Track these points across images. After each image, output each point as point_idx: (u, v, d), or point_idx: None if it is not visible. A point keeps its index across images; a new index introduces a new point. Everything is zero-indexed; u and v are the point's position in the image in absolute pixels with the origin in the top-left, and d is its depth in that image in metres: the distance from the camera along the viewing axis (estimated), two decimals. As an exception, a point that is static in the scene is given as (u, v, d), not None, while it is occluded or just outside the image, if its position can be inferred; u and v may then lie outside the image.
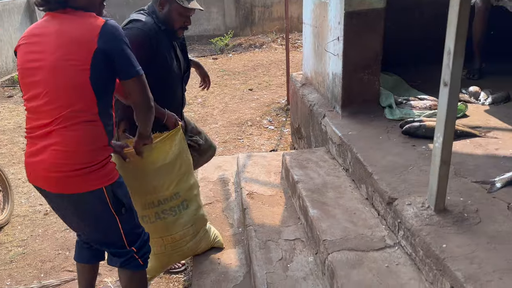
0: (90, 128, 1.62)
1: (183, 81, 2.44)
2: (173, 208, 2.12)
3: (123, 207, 1.74)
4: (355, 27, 2.66)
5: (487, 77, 3.53)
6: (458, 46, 1.45)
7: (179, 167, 2.11)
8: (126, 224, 1.78)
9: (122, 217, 1.74)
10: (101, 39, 1.56)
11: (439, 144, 1.60)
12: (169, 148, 2.06)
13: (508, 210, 1.68)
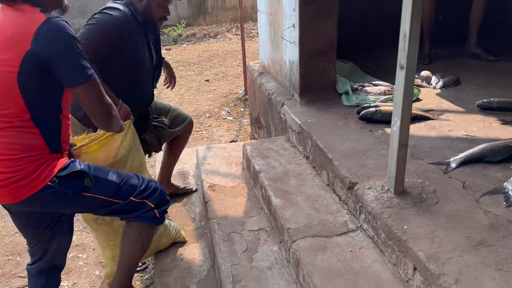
0: (21, 134, 1.49)
1: (154, 77, 2.37)
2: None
3: (86, 178, 1.59)
4: (310, 14, 2.65)
5: (437, 62, 3.66)
6: (413, 29, 1.46)
7: (131, 163, 2.01)
8: (106, 189, 1.66)
9: (94, 188, 1.61)
10: (36, 40, 1.39)
11: (396, 127, 1.62)
12: (120, 144, 1.96)
13: (463, 189, 1.73)
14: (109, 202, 1.67)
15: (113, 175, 1.70)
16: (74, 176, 1.58)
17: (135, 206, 1.73)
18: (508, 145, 1.92)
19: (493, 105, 2.48)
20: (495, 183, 1.74)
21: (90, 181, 1.60)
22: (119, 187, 1.69)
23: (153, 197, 1.76)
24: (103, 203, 1.67)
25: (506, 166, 1.86)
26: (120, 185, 1.70)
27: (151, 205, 1.75)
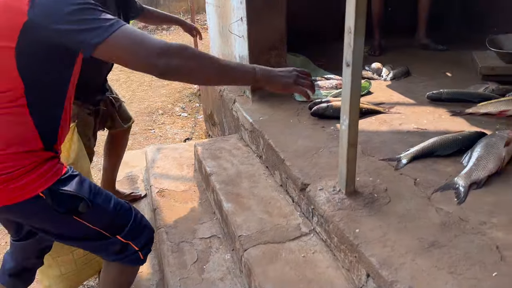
0: (11, 122, 1.24)
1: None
2: None
3: (83, 203, 1.35)
4: (258, 7, 2.54)
5: (388, 52, 3.67)
6: (358, 24, 1.38)
7: (81, 170, 1.83)
8: (99, 219, 1.42)
9: (86, 215, 1.37)
10: (33, 9, 1.14)
11: (345, 126, 1.55)
12: (68, 147, 1.78)
13: (415, 186, 1.70)
14: (95, 234, 1.43)
15: (111, 201, 1.46)
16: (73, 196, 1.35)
17: (119, 247, 1.50)
18: (457, 138, 1.92)
19: (442, 96, 2.49)
20: (446, 178, 1.73)
21: (86, 207, 1.36)
22: (113, 219, 1.46)
23: (141, 237, 1.53)
24: (88, 234, 1.43)
25: (456, 160, 1.86)
26: (115, 216, 1.47)
27: (136, 248, 1.52)
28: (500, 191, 1.62)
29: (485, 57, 2.82)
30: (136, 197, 2.67)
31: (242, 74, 1.36)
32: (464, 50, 3.51)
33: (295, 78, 1.42)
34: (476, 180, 1.66)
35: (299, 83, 1.44)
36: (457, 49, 3.59)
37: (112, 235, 1.46)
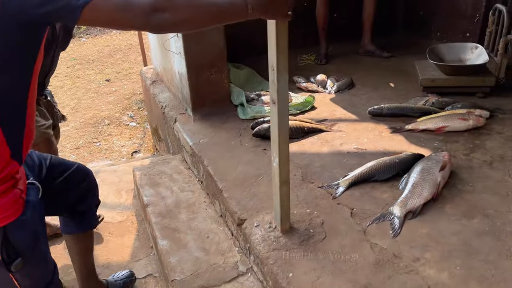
0: None
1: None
2: None
3: (18, 261, 1.19)
4: (193, 23, 2.42)
5: (334, 60, 3.65)
6: (281, 62, 1.31)
7: None
8: (26, 280, 1.26)
9: (19, 273, 1.21)
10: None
11: (276, 164, 1.48)
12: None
13: (351, 217, 1.67)
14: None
15: (47, 263, 1.32)
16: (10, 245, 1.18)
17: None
18: (394, 161, 1.90)
19: (383, 111, 2.49)
20: (382, 207, 1.70)
21: (21, 265, 1.20)
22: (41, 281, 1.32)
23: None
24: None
25: (393, 185, 1.84)
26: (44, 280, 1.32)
27: None
28: (434, 219, 1.61)
29: (426, 67, 2.84)
30: None
31: (232, 9, 1.15)
32: (408, 56, 3.55)
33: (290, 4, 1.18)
34: (412, 208, 1.65)
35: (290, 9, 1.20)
36: (401, 55, 3.62)
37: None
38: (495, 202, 1.67)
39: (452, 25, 3.63)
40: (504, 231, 1.51)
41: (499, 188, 1.76)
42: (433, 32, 3.83)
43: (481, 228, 1.54)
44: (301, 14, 3.77)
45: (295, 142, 2.28)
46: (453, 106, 2.46)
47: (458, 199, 1.71)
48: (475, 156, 2.02)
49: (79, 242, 1.71)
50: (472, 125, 2.24)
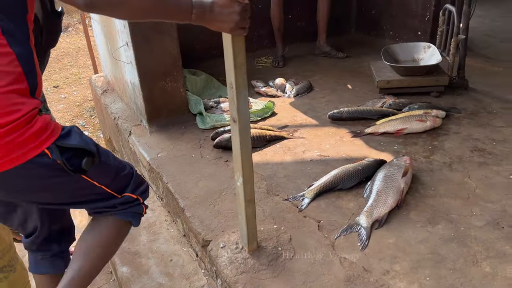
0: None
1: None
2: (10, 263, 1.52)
3: (86, 159, 1.15)
4: (144, 31, 2.29)
5: (291, 62, 3.63)
6: (239, 79, 1.24)
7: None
8: (101, 176, 1.23)
9: (94, 172, 1.18)
10: None
11: (240, 183, 1.41)
12: None
13: (318, 230, 1.63)
14: (102, 194, 1.25)
15: (109, 155, 1.29)
16: (76, 152, 1.14)
17: (129, 201, 1.33)
18: (357, 169, 1.89)
19: (343, 115, 2.48)
20: (349, 217, 1.68)
21: (91, 162, 1.17)
22: (117, 173, 1.29)
23: (141, 188, 1.38)
24: (96, 193, 1.25)
25: (358, 193, 1.83)
26: (117, 171, 1.30)
27: (141, 200, 1.37)
28: (400, 228, 1.61)
29: (382, 68, 2.87)
30: None
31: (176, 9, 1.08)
32: (363, 56, 3.60)
33: (238, 20, 1.10)
34: (378, 217, 1.64)
35: (242, 25, 1.13)
36: (357, 55, 3.66)
37: (120, 193, 1.30)
38: (457, 206, 1.70)
39: (403, 24, 3.71)
40: (469, 236, 1.53)
41: (460, 191, 1.79)
42: (386, 31, 3.90)
43: (446, 234, 1.55)
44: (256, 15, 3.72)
45: (257, 152, 2.22)
46: (410, 107, 2.49)
47: (421, 205, 1.72)
48: (435, 158, 2.05)
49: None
50: (429, 126, 2.28)
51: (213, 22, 1.11)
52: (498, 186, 1.80)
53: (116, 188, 1.29)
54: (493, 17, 5.07)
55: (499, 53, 3.60)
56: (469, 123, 2.36)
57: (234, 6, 1.09)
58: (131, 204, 1.34)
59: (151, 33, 2.30)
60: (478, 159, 2.01)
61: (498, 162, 1.97)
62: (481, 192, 1.77)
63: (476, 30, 4.30)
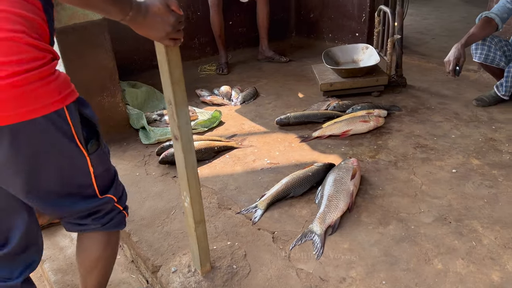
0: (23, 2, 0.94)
1: None
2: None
3: (95, 139, 1.11)
4: (75, 45, 2.14)
5: (235, 69, 3.59)
6: (178, 95, 1.16)
7: None
8: (98, 165, 1.14)
9: (92, 156, 1.10)
10: None
11: (188, 203, 1.34)
12: None
13: (273, 242, 1.59)
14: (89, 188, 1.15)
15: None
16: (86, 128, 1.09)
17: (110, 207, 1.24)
18: (308, 175, 1.87)
19: (290, 121, 2.47)
20: (302, 225, 1.66)
21: (96, 146, 1.12)
22: (108, 170, 1.22)
23: (122, 196, 1.29)
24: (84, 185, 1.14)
25: (310, 199, 1.81)
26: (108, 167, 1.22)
27: (121, 208, 1.28)
28: (353, 231, 1.60)
29: (324, 71, 2.91)
30: None
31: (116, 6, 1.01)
32: (305, 59, 3.64)
33: (169, 31, 1.06)
34: (331, 223, 1.63)
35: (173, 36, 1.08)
36: (299, 59, 3.69)
37: (102, 193, 1.20)
38: (405, 204, 1.73)
39: (341, 26, 3.80)
40: (419, 234, 1.56)
41: (407, 189, 1.82)
42: (325, 34, 3.98)
43: (397, 234, 1.57)
44: (197, 23, 3.64)
45: (206, 164, 2.15)
46: (353, 108, 2.54)
47: (372, 206, 1.73)
48: (380, 157, 2.09)
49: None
50: (373, 126, 2.32)
51: (143, 27, 1.05)
52: (442, 181, 1.86)
53: (101, 184, 1.19)
54: (423, 15, 5.36)
55: (432, 49, 3.80)
56: (410, 120, 2.45)
57: (168, 16, 1.04)
58: (114, 214, 1.27)
59: (84, 47, 2.16)
60: (421, 155, 2.08)
61: (440, 157, 2.05)
62: (427, 189, 1.81)
63: (410, 28, 4.51)
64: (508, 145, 2.12)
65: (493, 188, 1.79)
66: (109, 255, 1.33)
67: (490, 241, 1.50)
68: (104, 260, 1.31)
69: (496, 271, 1.37)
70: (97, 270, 1.31)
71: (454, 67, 2.36)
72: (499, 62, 2.46)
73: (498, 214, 1.64)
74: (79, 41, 2.14)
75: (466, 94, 2.76)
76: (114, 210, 1.26)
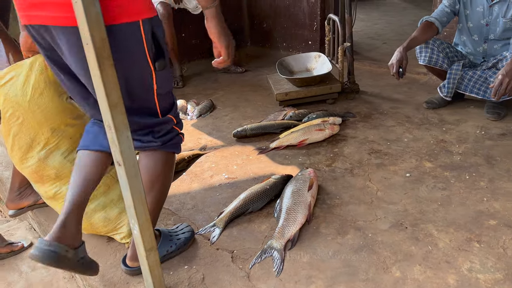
0: None
1: None
2: None
3: (162, 59, 1.23)
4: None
5: (190, 82, 3.53)
6: (117, 118, 1.10)
7: None
8: (162, 84, 1.28)
9: (158, 73, 1.24)
10: None
11: (137, 231, 1.27)
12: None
13: (232, 263, 1.54)
14: (150, 104, 1.28)
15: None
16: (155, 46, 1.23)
17: (170, 127, 1.37)
18: (265, 188, 1.85)
19: (247, 132, 2.45)
20: (262, 241, 1.62)
21: (163, 65, 1.24)
22: (169, 92, 1.35)
23: (179, 120, 1.42)
24: (148, 101, 1.28)
25: (269, 213, 1.78)
26: (170, 90, 1.36)
27: (179, 130, 1.43)
28: (312, 244, 1.59)
29: (279, 80, 2.91)
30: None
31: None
32: (261, 69, 3.64)
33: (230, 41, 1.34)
34: (290, 237, 1.60)
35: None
36: (255, 69, 3.68)
37: (163, 114, 1.33)
38: (362, 211, 1.73)
39: (294, 35, 3.83)
40: (376, 242, 1.56)
41: (363, 196, 1.83)
42: (279, 43, 4.00)
43: (355, 243, 1.56)
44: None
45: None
46: (309, 117, 2.54)
47: (329, 216, 1.73)
48: (337, 165, 2.10)
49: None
50: (328, 134, 2.34)
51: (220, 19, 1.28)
52: (396, 186, 1.88)
53: (162, 105, 1.31)
54: (374, 20, 5.52)
55: (383, 54, 3.90)
56: (364, 126, 2.48)
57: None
58: (173, 134, 1.39)
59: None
60: (376, 160, 2.10)
61: (394, 161, 2.08)
62: (382, 195, 1.83)
63: (361, 34, 4.63)
64: (458, 146, 2.19)
65: (445, 190, 1.84)
66: (167, 174, 1.43)
67: (445, 244, 1.53)
68: (163, 178, 1.41)
69: (452, 274, 1.39)
70: (157, 187, 1.40)
71: (398, 69, 2.43)
72: (442, 64, 2.55)
73: (452, 216, 1.67)
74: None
75: (417, 97, 2.84)
76: (173, 131, 1.39)
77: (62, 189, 1.55)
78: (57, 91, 1.54)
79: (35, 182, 1.56)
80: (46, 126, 1.50)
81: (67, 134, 1.55)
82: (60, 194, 1.56)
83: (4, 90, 1.45)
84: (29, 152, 1.49)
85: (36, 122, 1.48)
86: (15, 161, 1.53)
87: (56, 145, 1.52)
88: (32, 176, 1.54)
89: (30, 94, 1.47)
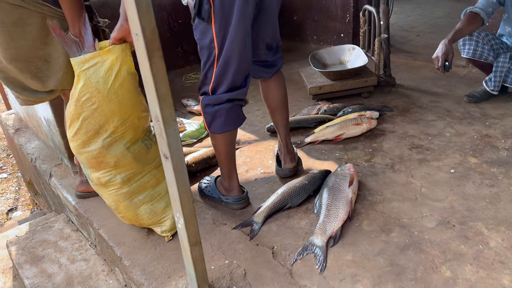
0: None
1: None
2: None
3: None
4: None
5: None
6: (165, 111, 1.09)
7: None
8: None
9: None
10: None
11: (181, 224, 1.25)
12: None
13: (273, 259, 1.52)
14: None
15: None
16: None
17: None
18: (304, 184, 1.81)
19: (280, 127, 2.40)
20: (303, 238, 1.59)
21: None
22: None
23: None
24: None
25: (308, 209, 1.74)
26: None
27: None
28: (355, 241, 1.54)
29: (312, 74, 2.86)
30: None
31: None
32: (292, 62, 3.58)
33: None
34: (332, 233, 1.56)
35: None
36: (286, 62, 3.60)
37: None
38: (406, 209, 1.67)
39: (325, 27, 3.76)
40: (423, 240, 1.50)
41: (406, 193, 1.77)
42: (309, 36, 3.93)
43: (401, 241, 1.51)
44: (179, 31, 3.57)
45: (198, 177, 2.07)
46: (344, 111, 2.48)
47: (372, 213, 1.68)
48: (376, 160, 2.04)
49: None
50: (365, 129, 2.27)
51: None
52: (441, 182, 1.81)
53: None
54: (407, 12, 5.36)
55: (418, 47, 3.78)
56: (402, 120, 2.40)
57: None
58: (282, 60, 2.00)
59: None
60: (418, 156, 2.03)
61: (437, 157, 2.00)
62: (427, 191, 1.77)
63: (394, 26, 4.49)
64: (504, 141, 2.09)
65: (494, 187, 1.75)
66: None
67: (497, 243, 1.45)
68: (287, 97, 2.01)
69: (506, 275, 1.32)
70: (286, 105, 1.99)
71: (443, 63, 2.33)
72: (487, 57, 2.43)
73: (502, 214, 1.59)
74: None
75: (457, 90, 2.74)
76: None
77: (116, 178, 1.54)
78: (135, 83, 1.53)
79: (90, 167, 1.55)
80: (118, 116, 1.48)
81: (133, 125, 1.54)
82: (112, 183, 1.55)
83: (86, 75, 1.43)
84: (95, 137, 1.48)
85: (110, 110, 1.46)
86: (76, 144, 1.51)
87: (121, 134, 1.51)
88: (89, 161, 1.52)
89: (111, 83, 1.45)
